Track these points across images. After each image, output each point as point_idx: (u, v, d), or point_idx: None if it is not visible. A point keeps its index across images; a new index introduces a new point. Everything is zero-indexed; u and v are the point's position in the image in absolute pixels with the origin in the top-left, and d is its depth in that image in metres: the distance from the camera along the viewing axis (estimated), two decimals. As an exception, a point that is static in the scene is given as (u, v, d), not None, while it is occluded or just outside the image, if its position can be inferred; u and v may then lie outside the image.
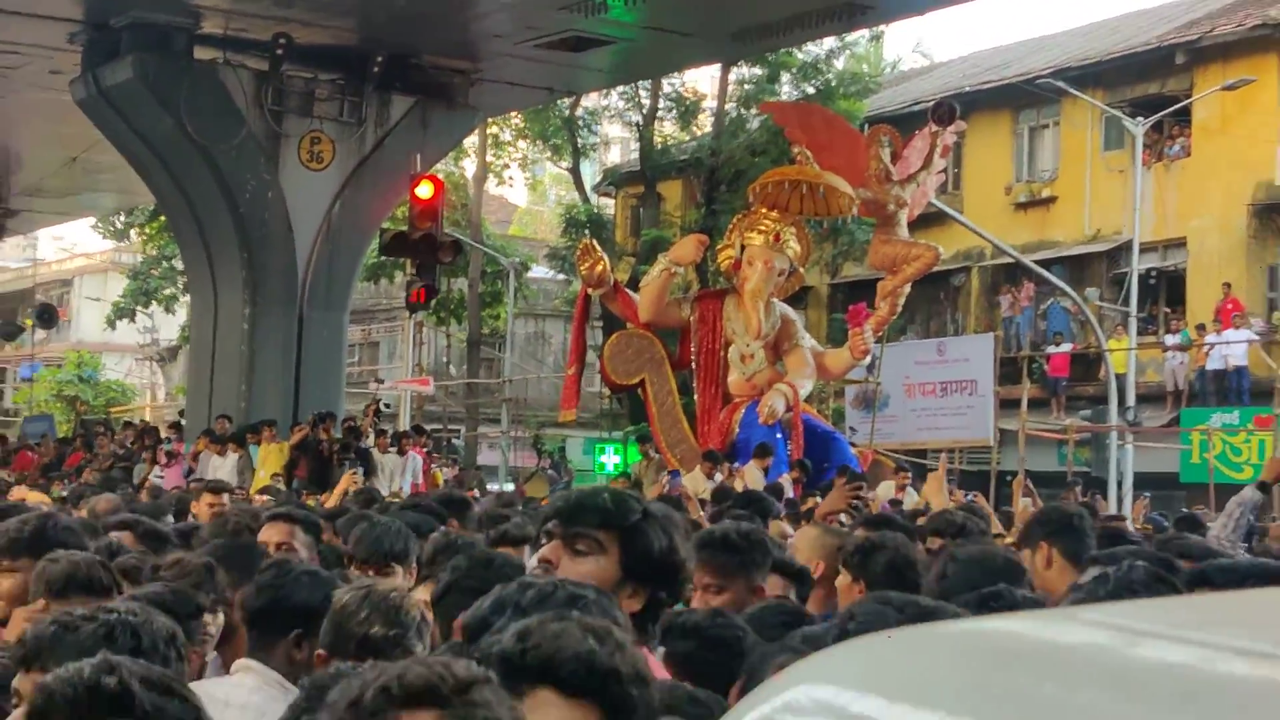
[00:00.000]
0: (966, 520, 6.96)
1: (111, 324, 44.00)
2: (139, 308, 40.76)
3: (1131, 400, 23.88)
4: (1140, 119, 24.99)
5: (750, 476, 15.18)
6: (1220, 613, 1.73)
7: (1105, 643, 1.38)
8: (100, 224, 42.57)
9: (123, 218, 38.58)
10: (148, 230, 36.63)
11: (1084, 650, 1.35)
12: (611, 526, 2.91)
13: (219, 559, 4.83)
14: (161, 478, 19.14)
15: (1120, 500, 21.05)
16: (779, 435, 16.93)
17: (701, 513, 10.61)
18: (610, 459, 26.95)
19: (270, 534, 5.91)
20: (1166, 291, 27.83)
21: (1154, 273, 26.88)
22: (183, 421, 23.46)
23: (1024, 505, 10.90)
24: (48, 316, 40.20)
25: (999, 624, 1.90)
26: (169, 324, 40.11)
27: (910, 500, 14.70)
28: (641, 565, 2.91)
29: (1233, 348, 24.11)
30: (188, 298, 27.90)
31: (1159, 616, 1.65)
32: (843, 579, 5.12)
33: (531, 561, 3.96)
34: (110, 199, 34.67)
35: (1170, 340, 26.09)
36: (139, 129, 20.03)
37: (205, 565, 4.76)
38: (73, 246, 54.81)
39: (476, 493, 18.18)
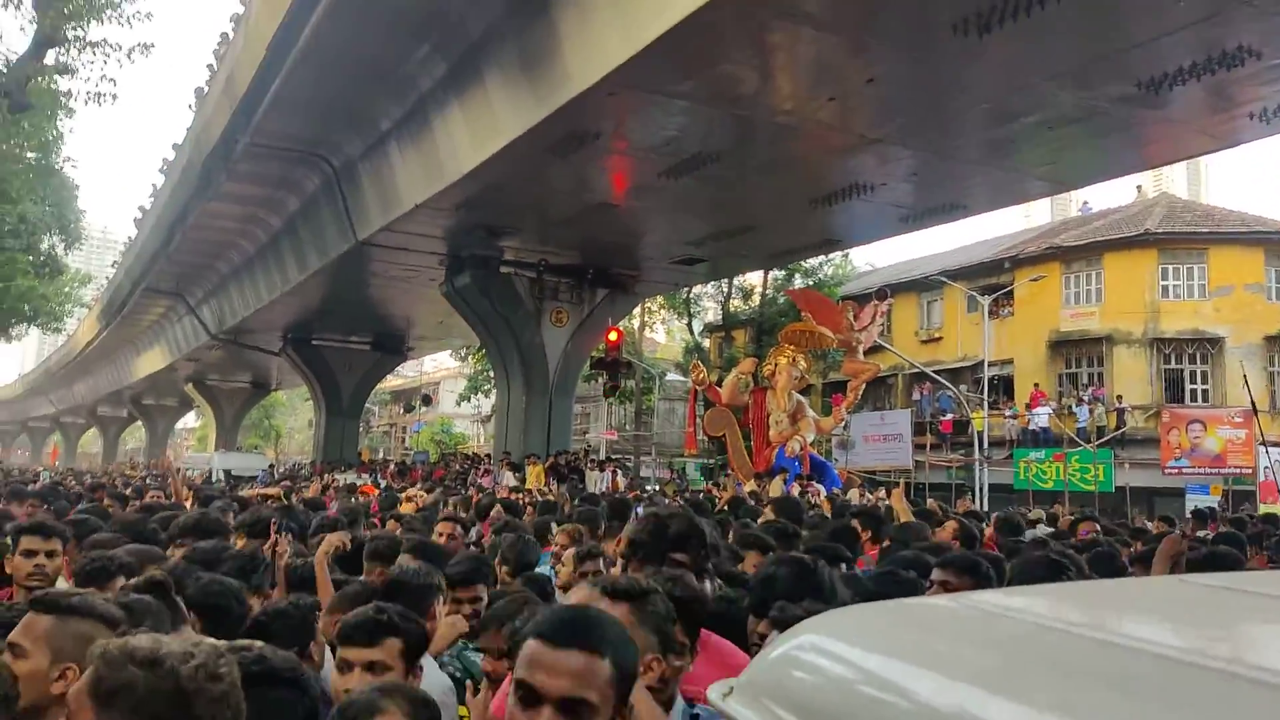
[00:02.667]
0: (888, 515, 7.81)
1: (459, 404, 48.54)
2: (472, 395, 43.19)
3: (986, 445, 24.87)
4: (986, 296, 26.62)
5: (775, 486, 15.60)
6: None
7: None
8: (454, 352, 45.51)
9: (465, 349, 40.74)
10: (476, 356, 38.25)
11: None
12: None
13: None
14: (479, 482, 20.08)
15: (982, 499, 22.47)
16: (796, 463, 18.13)
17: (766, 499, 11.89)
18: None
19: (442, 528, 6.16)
20: (1002, 387, 29.11)
21: (996, 378, 27.97)
22: (490, 454, 24.71)
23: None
24: (427, 400, 45.89)
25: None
26: (486, 404, 42.13)
27: (855, 498, 15.26)
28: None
29: (1039, 418, 26.05)
30: (495, 390, 28.80)
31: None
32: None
33: None
34: (458, 340, 36.84)
35: (1007, 413, 27.48)
36: (473, 308, 22.16)
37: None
38: (439, 364, 58.43)
39: (639, 492, 18.49)
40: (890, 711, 1.02)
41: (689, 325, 37.69)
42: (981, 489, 23.48)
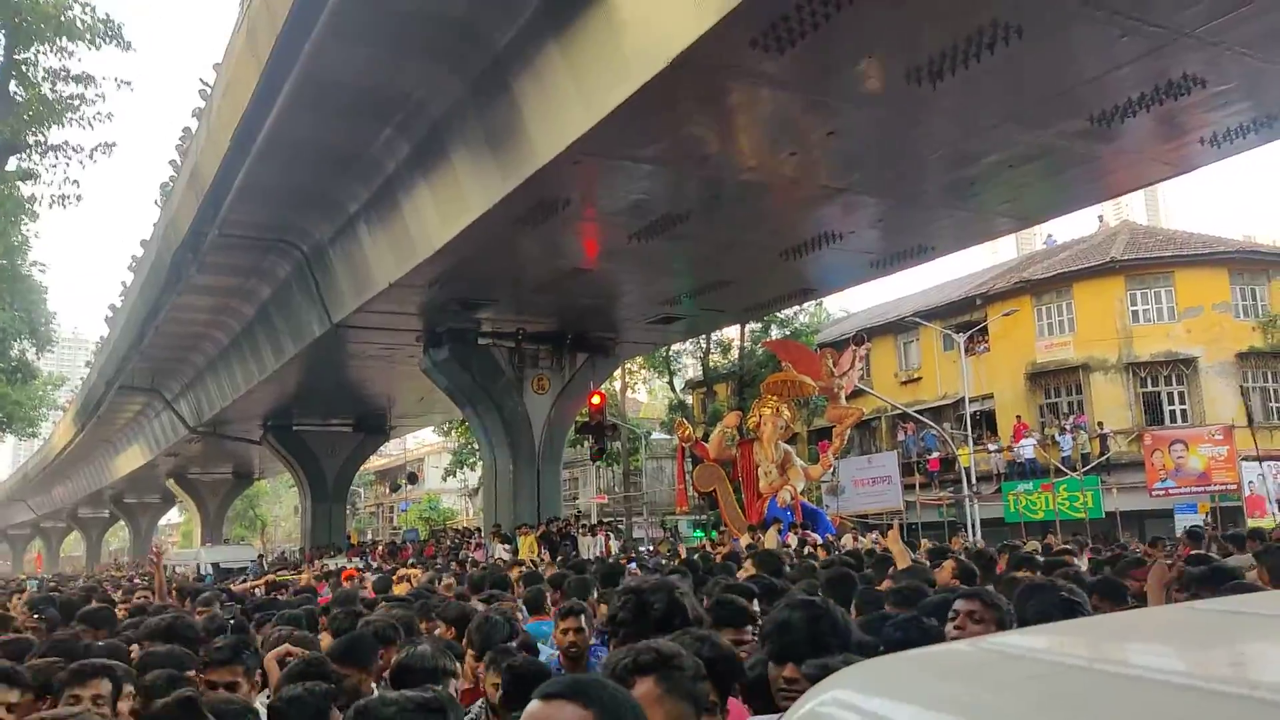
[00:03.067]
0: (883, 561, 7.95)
1: (445, 479, 47.86)
2: (458, 469, 42.83)
3: (974, 480, 25.05)
4: (961, 334, 27.10)
5: (770, 537, 16.00)
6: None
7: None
8: (436, 428, 44.85)
9: (447, 424, 40.48)
10: (459, 429, 38.21)
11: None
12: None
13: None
14: (472, 556, 19.97)
15: (975, 535, 22.60)
16: (789, 512, 18.52)
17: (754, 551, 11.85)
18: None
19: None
20: (985, 422, 29.12)
21: (977, 413, 27.99)
22: (480, 527, 24.73)
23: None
24: (413, 478, 46.57)
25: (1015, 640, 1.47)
26: (473, 476, 42.09)
27: (849, 543, 15.61)
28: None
29: (1024, 450, 26.12)
30: (481, 463, 28.65)
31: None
32: None
33: None
34: (440, 415, 36.56)
35: (992, 447, 27.65)
36: (454, 381, 22.07)
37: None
38: (422, 440, 57.70)
39: (629, 555, 18.57)
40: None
41: (670, 383, 37.72)
42: (973, 524, 23.60)
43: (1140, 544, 14.91)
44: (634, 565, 13.73)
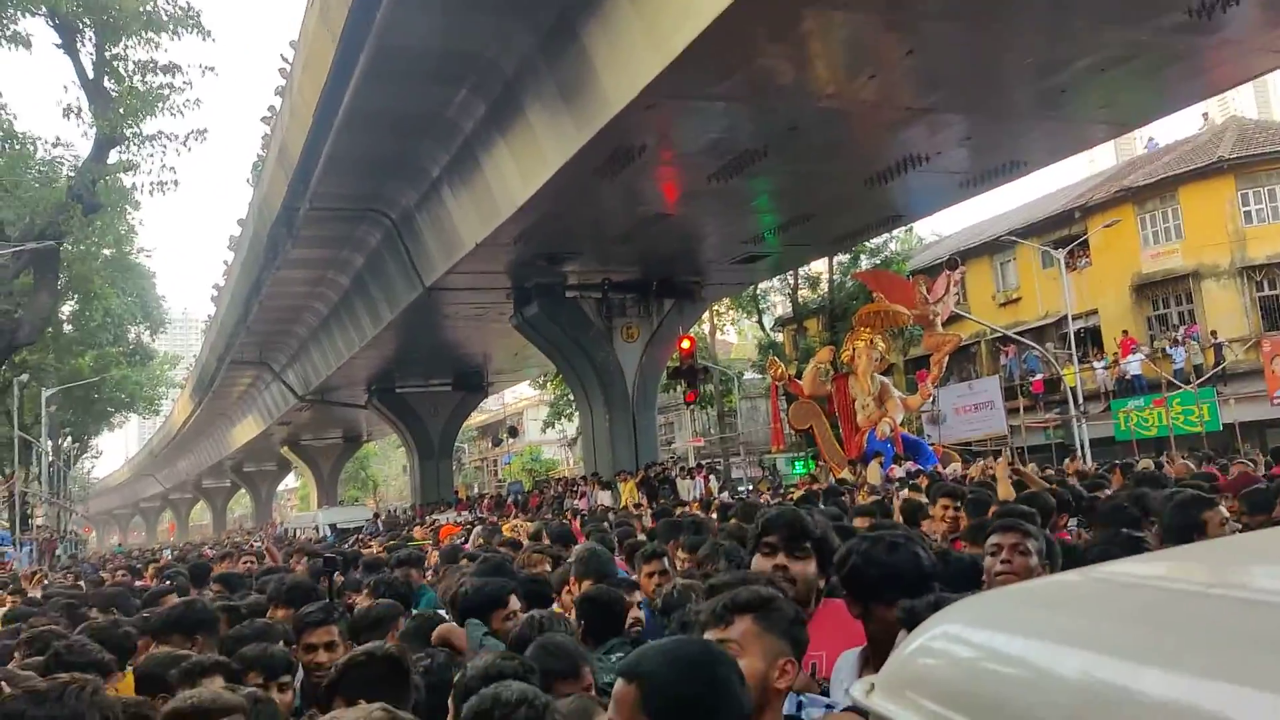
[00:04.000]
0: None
1: (544, 430, 48.37)
2: (556, 420, 43.08)
3: (1081, 400, 24.17)
4: (1060, 249, 26.11)
5: (872, 471, 15.86)
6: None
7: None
8: (532, 382, 45.46)
9: (542, 377, 40.77)
10: (555, 382, 38.34)
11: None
12: (811, 538, 2.76)
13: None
14: (575, 505, 20.66)
15: (1086, 455, 21.12)
16: (888, 445, 18.32)
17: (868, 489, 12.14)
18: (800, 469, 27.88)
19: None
20: (1090, 339, 28.33)
21: (1081, 331, 27.24)
22: (583, 476, 24.87)
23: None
24: (513, 431, 47.99)
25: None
26: (570, 427, 42.08)
27: (953, 471, 14.87)
28: (825, 558, 2.74)
29: (1132, 365, 25.24)
30: (578, 413, 29.20)
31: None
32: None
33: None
34: (535, 369, 37.18)
35: (1098, 365, 26.69)
36: (545, 335, 22.55)
37: None
38: (519, 394, 57.73)
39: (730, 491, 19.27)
40: (1040, 694, 1.00)
41: (759, 322, 37.67)
42: (1083, 445, 22.69)
43: (1263, 455, 14.24)
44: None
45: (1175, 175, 27.17)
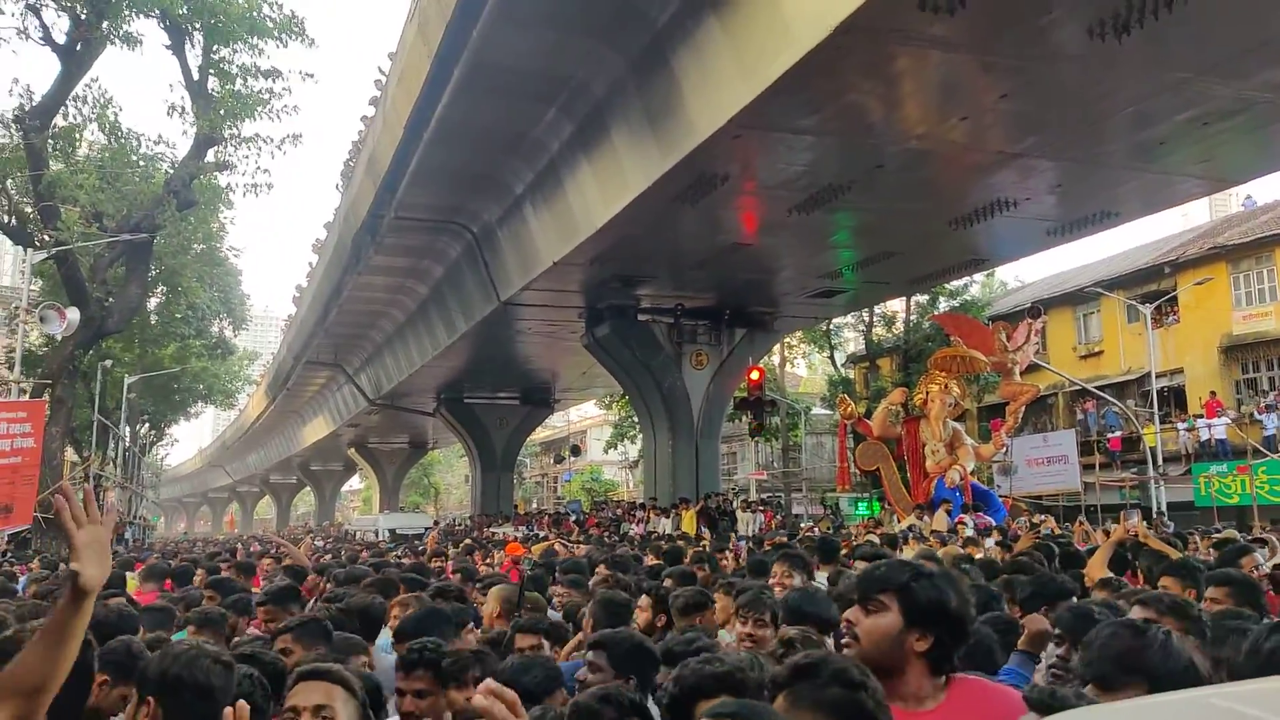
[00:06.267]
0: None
1: (606, 451, 48.36)
2: (619, 442, 42.75)
3: (1160, 460, 23.77)
4: (1148, 304, 25.28)
5: (939, 519, 15.81)
6: None
7: None
8: (598, 401, 45.30)
9: (608, 398, 40.53)
10: (620, 403, 38.26)
11: None
12: (889, 589, 2.27)
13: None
14: (633, 530, 21.34)
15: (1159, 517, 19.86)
16: (958, 493, 17.85)
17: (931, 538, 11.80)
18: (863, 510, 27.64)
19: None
20: (1173, 399, 27.67)
21: (1165, 389, 26.73)
22: (643, 501, 24.84)
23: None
24: (576, 450, 47.47)
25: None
26: (633, 449, 41.78)
27: (1049, 525, 14.86)
28: (919, 615, 2.25)
29: (1216, 429, 24.47)
30: (641, 436, 28.67)
31: None
32: None
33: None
34: (601, 389, 36.95)
35: (1181, 426, 25.84)
36: (614, 357, 22.64)
37: None
38: (584, 413, 58.40)
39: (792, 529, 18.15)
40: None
41: (830, 358, 37.35)
42: (1158, 507, 22.05)
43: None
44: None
45: (1272, 235, 26.48)
